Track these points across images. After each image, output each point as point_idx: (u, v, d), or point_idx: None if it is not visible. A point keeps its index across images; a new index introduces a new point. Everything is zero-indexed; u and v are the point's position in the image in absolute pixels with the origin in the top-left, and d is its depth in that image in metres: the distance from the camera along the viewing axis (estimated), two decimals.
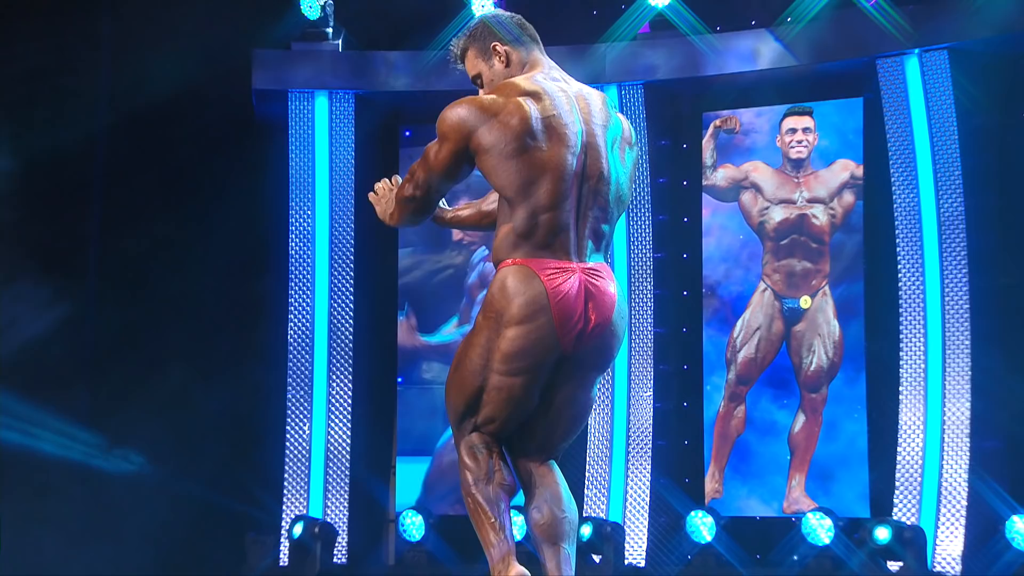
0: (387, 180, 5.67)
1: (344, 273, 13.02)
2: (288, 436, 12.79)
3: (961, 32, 11.39)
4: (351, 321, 12.98)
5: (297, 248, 12.96)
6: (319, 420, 12.79)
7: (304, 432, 12.76)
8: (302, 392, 12.83)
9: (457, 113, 5.21)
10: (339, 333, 12.94)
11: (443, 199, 5.71)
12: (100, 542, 12.16)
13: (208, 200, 12.95)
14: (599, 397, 12.22)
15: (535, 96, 5.13)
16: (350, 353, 12.93)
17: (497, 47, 5.36)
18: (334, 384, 12.85)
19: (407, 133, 13.50)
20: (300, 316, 12.93)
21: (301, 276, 12.96)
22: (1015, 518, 10.74)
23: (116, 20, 12.63)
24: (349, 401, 12.85)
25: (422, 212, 5.50)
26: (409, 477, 13.27)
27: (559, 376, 5.19)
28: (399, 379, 13.32)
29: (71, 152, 12.63)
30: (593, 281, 5.08)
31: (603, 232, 5.22)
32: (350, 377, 12.88)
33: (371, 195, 5.77)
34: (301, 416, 12.80)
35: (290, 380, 12.83)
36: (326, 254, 12.97)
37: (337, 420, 12.83)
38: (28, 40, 11.94)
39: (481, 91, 5.43)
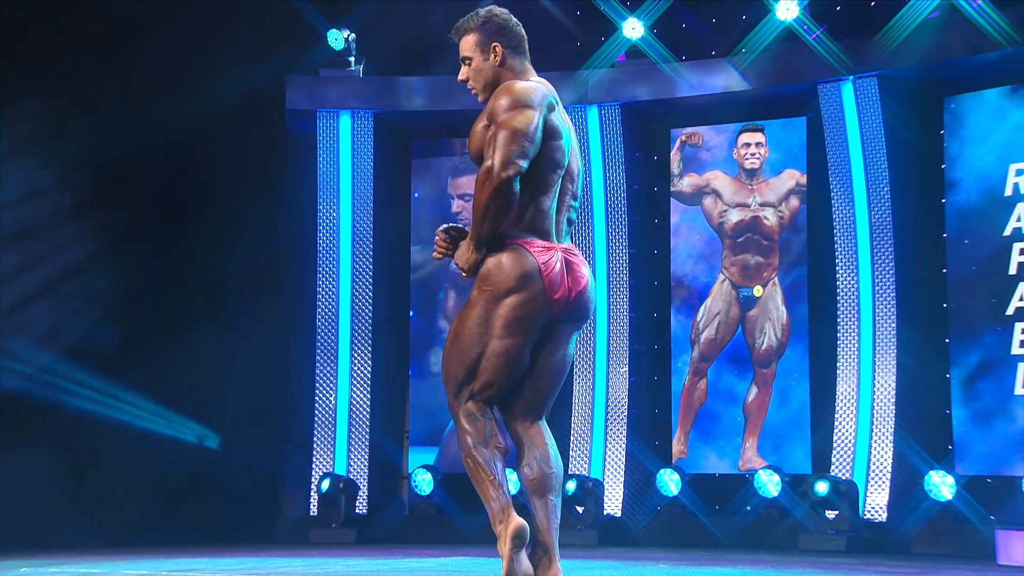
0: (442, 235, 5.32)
1: (364, 263, 13.09)
2: (316, 404, 12.91)
3: (888, 62, 11.55)
4: (370, 304, 13.04)
5: (324, 243, 13.06)
6: (343, 390, 12.89)
7: (330, 401, 12.88)
8: (328, 366, 12.93)
9: (538, 90, 5.25)
10: (360, 315, 13.01)
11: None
12: (154, 495, 12.27)
13: (248, 202, 13.02)
14: (584, 374, 12.56)
15: (557, 100, 5.31)
16: (369, 332, 12.99)
17: (497, 47, 5.35)
18: (356, 359, 12.92)
19: (417, 145, 13.57)
20: (326, 301, 13.01)
21: (327, 266, 13.06)
22: (932, 473, 10.99)
23: (171, 51, 12.74)
24: (368, 374, 12.92)
25: (516, 186, 5.12)
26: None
27: (544, 338, 5.27)
28: (410, 369, 13.38)
29: (133, 161, 12.78)
30: (570, 258, 5.26)
31: (572, 220, 5.42)
32: (369, 353, 12.95)
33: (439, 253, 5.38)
34: (327, 387, 12.90)
35: (318, 356, 12.94)
36: (349, 247, 13.06)
37: (358, 390, 12.91)
38: (101, 65, 12.01)
39: (468, 68, 5.39)
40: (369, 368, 13.00)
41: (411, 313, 13.46)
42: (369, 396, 12.97)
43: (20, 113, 11.57)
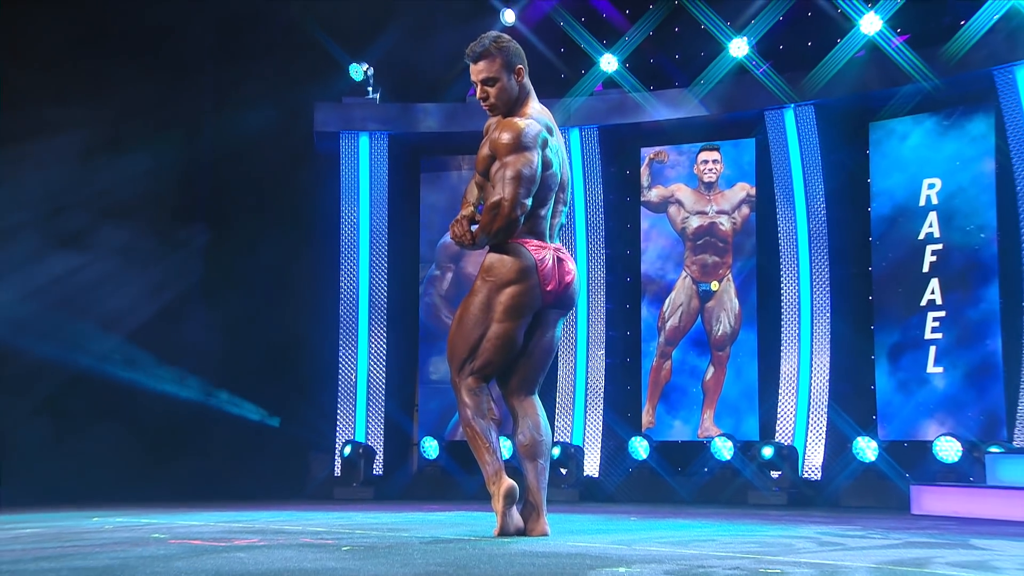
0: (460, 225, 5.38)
1: (379, 259, 13.17)
2: (340, 381, 13.00)
3: (823, 93, 11.73)
4: (385, 294, 13.12)
5: (346, 242, 13.17)
6: (362, 369, 12.97)
7: (351, 379, 12.97)
8: (349, 349, 13.01)
9: (536, 130, 5.31)
10: (376, 303, 13.09)
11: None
12: (204, 457, 12.44)
13: (282, 207, 13.27)
14: (567, 356, 12.63)
15: (550, 131, 5.41)
16: (384, 319, 13.08)
17: (521, 70, 5.42)
18: (373, 342, 13.01)
19: (424, 163, 13.67)
20: (348, 291, 13.09)
21: (348, 261, 13.15)
22: (858, 439, 11.23)
23: (219, 82, 12.93)
24: (384, 355, 13.03)
25: (522, 220, 5.28)
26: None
27: (536, 322, 5.42)
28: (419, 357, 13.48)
29: (189, 173, 12.99)
30: (561, 256, 5.44)
31: (562, 223, 5.56)
32: (384, 337, 13.05)
33: (456, 238, 5.42)
34: (349, 367, 13.00)
35: (341, 339, 13.02)
36: (367, 246, 13.15)
37: (375, 369, 13.00)
38: (164, 94, 12.23)
39: (489, 88, 5.41)
40: (384, 350, 13.07)
41: (420, 315, 13.51)
42: (384, 374, 13.04)
43: (99, 135, 11.71)
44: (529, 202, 5.26)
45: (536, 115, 5.44)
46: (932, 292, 11.37)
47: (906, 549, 5.11)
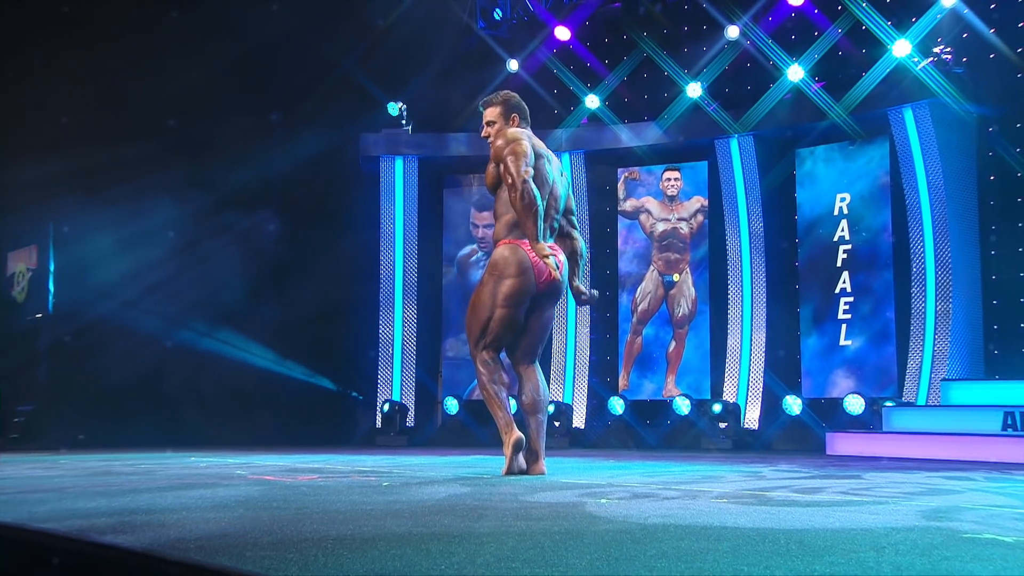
0: None
1: (411, 254, 13.11)
2: (380, 352, 12.99)
3: (760, 126, 11.79)
4: (415, 284, 13.10)
5: (385, 240, 13.11)
6: (397, 342, 12.97)
7: (388, 351, 12.96)
8: (388, 326, 13.00)
9: (528, 140, 5.37)
10: (408, 291, 13.05)
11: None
12: (274, 412, 12.57)
13: (335, 212, 13.38)
14: (560, 333, 12.58)
15: (539, 154, 5.42)
16: (415, 303, 13.05)
17: (516, 118, 5.48)
18: (406, 321, 13.00)
19: (447, 179, 13.69)
20: (386, 280, 13.06)
21: (387, 255, 13.10)
22: (787, 398, 11.31)
23: (285, 117, 13.01)
24: (415, 331, 13.03)
25: (533, 185, 5.21)
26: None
27: (533, 306, 5.40)
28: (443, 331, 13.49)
29: (259, 189, 13.06)
30: (552, 253, 5.37)
31: (554, 227, 5.52)
32: (415, 317, 13.03)
33: None
34: (387, 340, 13.00)
35: (381, 318, 12.99)
36: (401, 242, 13.09)
37: (408, 342, 13.01)
38: (244, 126, 12.36)
39: (490, 128, 5.48)
40: (415, 327, 13.07)
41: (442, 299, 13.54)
42: (415, 346, 13.04)
43: (194, 169, 11.90)
44: (531, 170, 5.20)
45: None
46: (844, 282, 11.46)
47: (789, 480, 5.12)
